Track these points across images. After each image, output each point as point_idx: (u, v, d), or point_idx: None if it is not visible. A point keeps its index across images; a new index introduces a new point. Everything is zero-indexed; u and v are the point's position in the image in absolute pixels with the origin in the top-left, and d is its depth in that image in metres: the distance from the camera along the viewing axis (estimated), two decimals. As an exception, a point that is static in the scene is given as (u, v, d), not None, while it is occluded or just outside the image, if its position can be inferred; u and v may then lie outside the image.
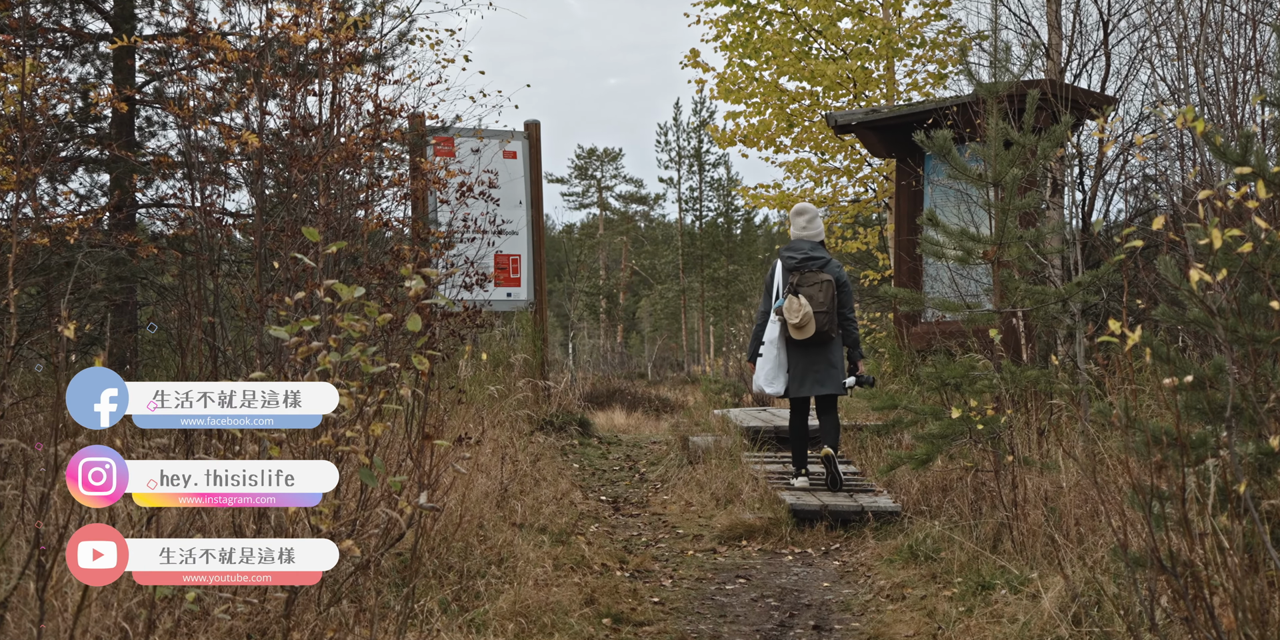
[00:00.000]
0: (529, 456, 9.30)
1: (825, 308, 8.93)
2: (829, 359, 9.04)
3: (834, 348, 9.06)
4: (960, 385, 7.68)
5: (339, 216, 8.19)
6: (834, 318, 8.97)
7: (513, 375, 11.68)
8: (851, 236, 18.67)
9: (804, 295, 8.98)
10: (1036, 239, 7.92)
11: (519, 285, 12.55)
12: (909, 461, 7.63)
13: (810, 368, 9.05)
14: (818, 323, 8.92)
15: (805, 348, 9.06)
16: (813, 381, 9.04)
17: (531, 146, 12.78)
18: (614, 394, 21.23)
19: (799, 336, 8.95)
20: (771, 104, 17.34)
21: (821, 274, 9.05)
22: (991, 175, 7.76)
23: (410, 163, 10.65)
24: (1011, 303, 7.75)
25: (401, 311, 6.18)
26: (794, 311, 8.94)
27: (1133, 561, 4.35)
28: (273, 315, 7.39)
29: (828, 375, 9.02)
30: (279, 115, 8.48)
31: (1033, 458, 7.42)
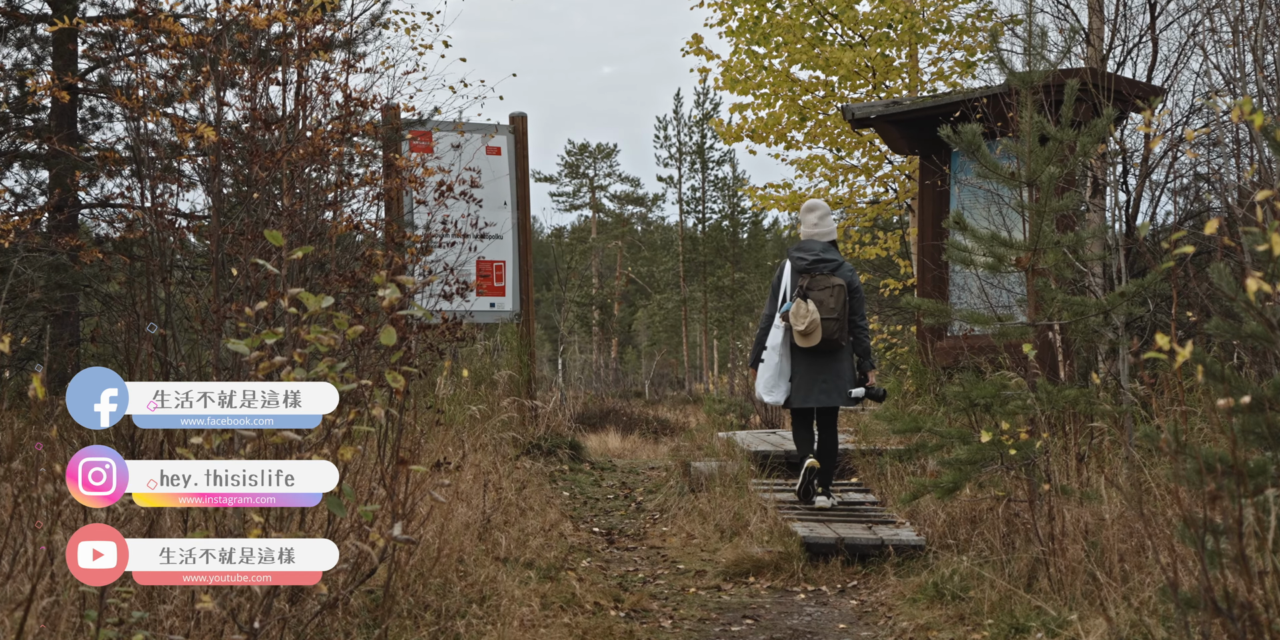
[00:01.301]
0: (514, 483, 9.28)
1: (835, 315, 9.06)
2: (835, 369, 9.18)
3: (842, 357, 9.20)
4: (991, 406, 7.66)
5: (305, 218, 8.18)
6: (844, 325, 9.10)
7: (496, 394, 11.67)
8: (870, 241, 18.68)
9: (813, 300, 9.10)
10: (1075, 244, 7.91)
11: (503, 295, 12.54)
12: (934, 490, 7.61)
13: (815, 378, 9.19)
14: (825, 330, 9.05)
15: (811, 356, 9.21)
16: (818, 392, 9.19)
17: (518, 142, 12.79)
18: (608, 415, 21.24)
19: (805, 344, 9.09)
20: (782, 95, 17.36)
21: (833, 278, 9.18)
22: (1025, 174, 7.75)
23: (384, 159, 10.65)
24: (1047, 315, 7.74)
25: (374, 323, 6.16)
26: (801, 317, 9.06)
27: (1184, 602, 4.33)
28: (231, 328, 7.37)
29: (833, 386, 9.17)
30: (238, 106, 8.49)
31: (1071, 486, 7.40)
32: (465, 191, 11.36)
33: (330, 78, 8.72)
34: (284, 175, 7.90)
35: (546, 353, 54.74)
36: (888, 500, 9.63)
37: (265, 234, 4.01)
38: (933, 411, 10.59)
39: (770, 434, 12.72)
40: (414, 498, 5.39)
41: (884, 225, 20.68)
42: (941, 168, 12.74)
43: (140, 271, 8.80)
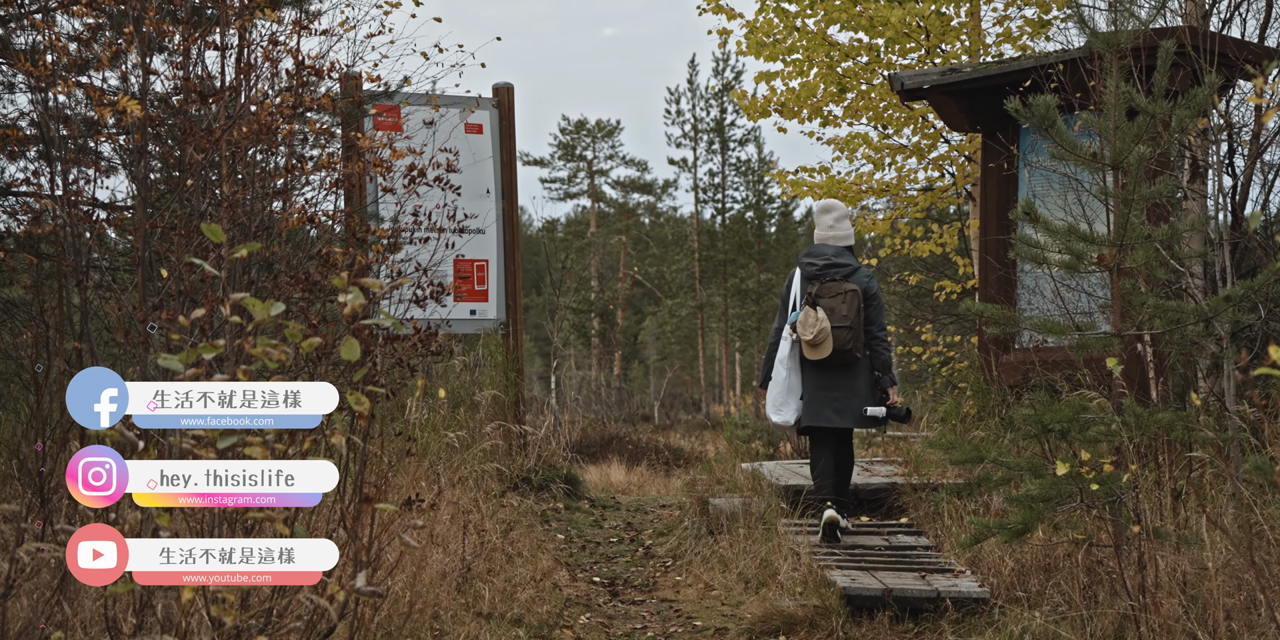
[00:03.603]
0: (500, 525, 9.28)
1: (848, 323, 9.37)
2: (850, 385, 9.49)
3: (858, 372, 9.50)
4: (1068, 432, 7.64)
5: (249, 209, 8.18)
6: (858, 334, 9.40)
7: (478, 418, 11.67)
8: (923, 236, 18.71)
9: (823, 307, 9.41)
10: (1170, 239, 7.90)
11: (486, 300, 12.54)
12: (1000, 532, 7.59)
13: (827, 394, 9.51)
14: (837, 340, 9.35)
15: (822, 370, 9.52)
16: (829, 411, 9.50)
17: (502, 118, 12.79)
18: (610, 442, 21.25)
19: (814, 356, 9.41)
20: (818, 62, 17.37)
21: (846, 283, 9.50)
22: (1110, 154, 7.74)
23: (343, 139, 10.64)
24: (1136, 323, 7.73)
25: (333, 335, 6.16)
26: (809, 326, 9.37)
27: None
28: (160, 340, 7.36)
29: (846, 405, 9.48)
30: (167, 75, 8.48)
31: (1166, 529, 7.39)
32: (440, 177, 11.35)
33: (278, 41, 8.72)
34: (224, 158, 7.90)
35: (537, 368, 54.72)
36: (944, 544, 9.61)
37: (202, 228, 4.01)
38: (998, 439, 10.57)
39: (803, 465, 12.72)
40: (381, 542, 5.38)
41: (939, 217, 20.70)
42: (1008, 147, 12.73)
43: (50, 273, 8.79)
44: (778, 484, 10.96)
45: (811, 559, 9.08)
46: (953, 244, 18.98)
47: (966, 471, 10.18)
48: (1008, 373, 12.09)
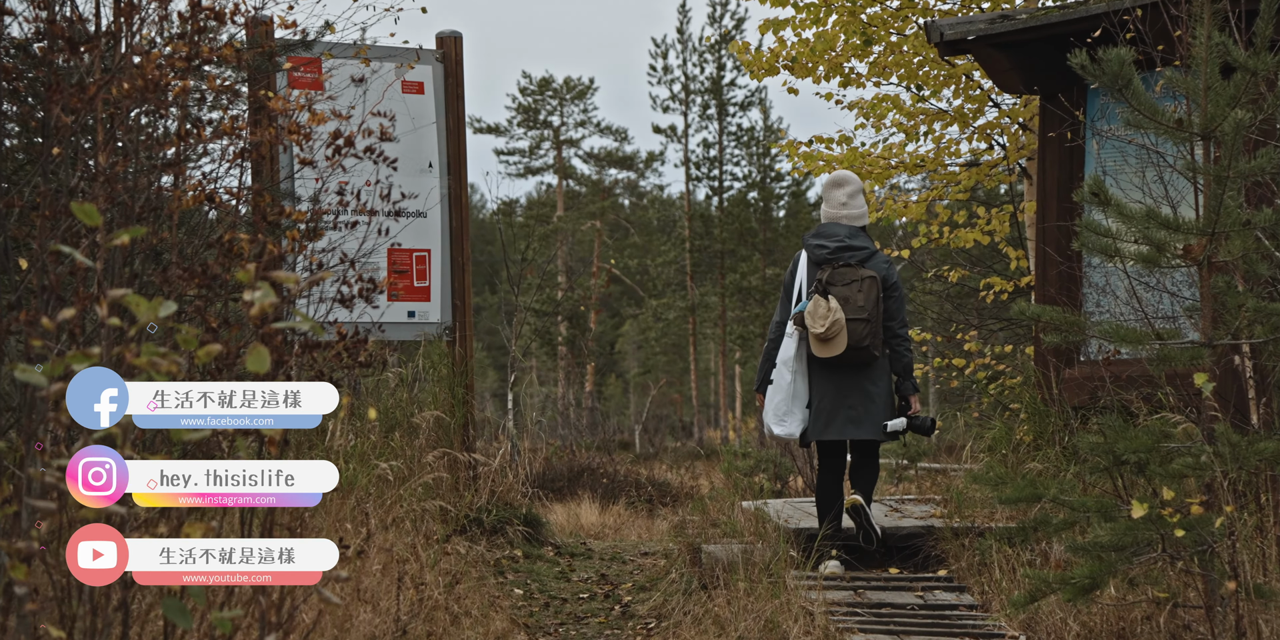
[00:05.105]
0: (443, 577, 9.26)
1: (865, 315, 9.41)
2: (867, 389, 9.56)
3: (876, 373, 9.60)
4: (1146, 464, 7.63)
5: (132, 185, 8.13)
6: (876, 329, 9.45)
7: (417, 445, 11.64)
8: (966, 222, 18.73)
9: (836, 296, 9.44)
10: (1275, 226, 7.88)
11: (428, 299, 12.52)
12: (1062, 589, 7.57)
13: (841, 400, 9.57)
14: (853, 335, 9.37)
15: (834, 371, 9.58)
16: (844, 420, 9.57)
17: (449, 75, 12.77)
18: (581, 475, 21.29)
19: (825, 354, 9.44)
20: (838, 7, 17.36)
21: (862, 269, 9.56)
22: (1200, 121, 7.73)
23: (251, 99, 10.61)
24: (1232, 330, 7.71)
25: (236, 341, 6.13)
26: (819, 318, 9.38)
27: None
28: (18, 347, 7.33)
29: (866, 411, 9.56)
30: (26, 17, 8.44)
31: (1270, 586, 7.36)
32: (372, 147, 11.28)
33: (169, -25, 8.69)
34: (99, 121, 7.85)
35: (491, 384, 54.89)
36: (992, 603, 9.61)
37: (72, 208, 3.98)
38: (1059, 473, 10.57)
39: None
40: (295, 599, 5.37)
41: (986, 198, 20.73)
42: (1073, 113, 12.74)
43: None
44: (787, 527, 10.96)
45: (828, 620, 9.06)
46: (1003, 232, 19.00)
47: (1020, 513, 10.16)
48: (1071, 391, 12.09)
